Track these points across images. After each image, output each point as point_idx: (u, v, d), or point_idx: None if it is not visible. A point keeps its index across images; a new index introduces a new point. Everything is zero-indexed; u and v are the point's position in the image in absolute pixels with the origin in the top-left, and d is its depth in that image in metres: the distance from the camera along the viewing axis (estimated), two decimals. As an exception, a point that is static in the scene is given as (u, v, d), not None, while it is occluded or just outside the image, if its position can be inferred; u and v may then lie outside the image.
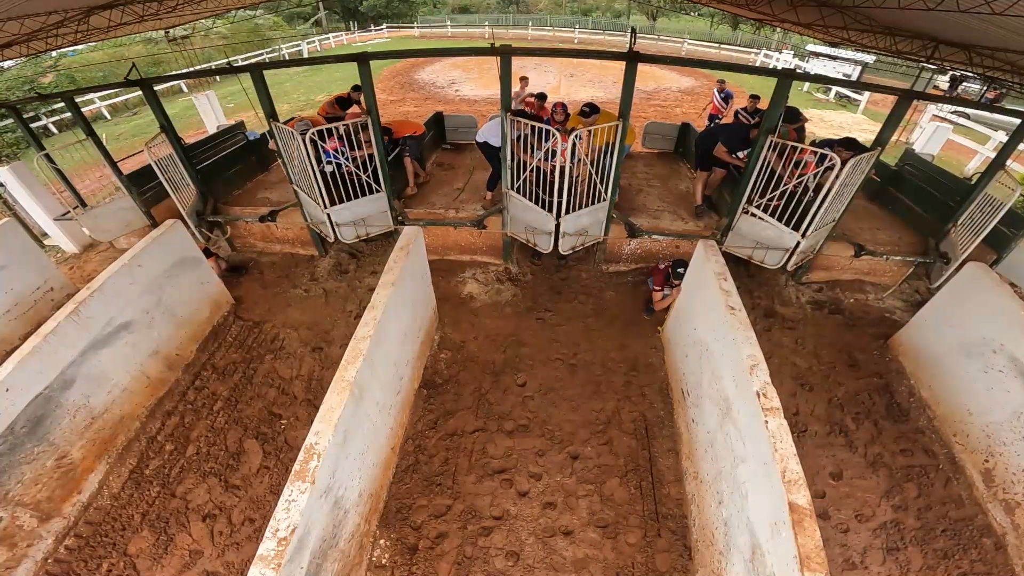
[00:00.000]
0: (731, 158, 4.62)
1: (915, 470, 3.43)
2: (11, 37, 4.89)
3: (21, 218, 6.22)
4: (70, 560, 2.95)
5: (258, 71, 4.30)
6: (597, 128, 3.94)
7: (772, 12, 6.65)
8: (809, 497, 1.96)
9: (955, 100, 10.75)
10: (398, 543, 3.00)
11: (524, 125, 3.87)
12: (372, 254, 5.66)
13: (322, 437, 2.24)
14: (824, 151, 3.63)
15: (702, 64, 3.93)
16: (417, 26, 30.55)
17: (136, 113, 14.27)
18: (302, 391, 4.05)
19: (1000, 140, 8.95)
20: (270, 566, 1.81)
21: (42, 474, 3.00)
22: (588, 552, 2.94)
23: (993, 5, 2.84)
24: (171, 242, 4.12)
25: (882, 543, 3.02)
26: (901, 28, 5.25)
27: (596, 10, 33.31)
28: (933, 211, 4.76)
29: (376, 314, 2.91)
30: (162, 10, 6.21)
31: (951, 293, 3.76)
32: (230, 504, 3.24)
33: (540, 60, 17.85)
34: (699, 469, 3.04)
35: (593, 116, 4.36)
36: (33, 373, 2.96)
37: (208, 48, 18.02)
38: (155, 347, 3.93)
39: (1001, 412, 3.20)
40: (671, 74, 17.40)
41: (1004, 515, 3.04)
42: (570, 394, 3.96)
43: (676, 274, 4.14)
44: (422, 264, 3.92)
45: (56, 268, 5.18)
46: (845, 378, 4.11)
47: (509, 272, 5.33)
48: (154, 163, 4.47)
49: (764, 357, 2.58)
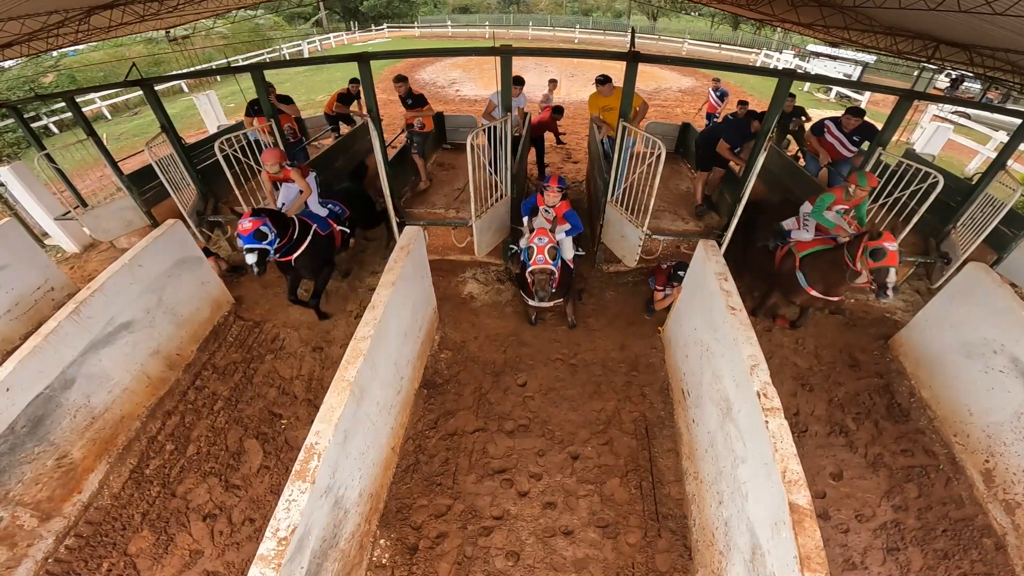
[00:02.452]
0: (733, 156, 4.61)
1: (915, 470, 3.42)
2: (12, 37, 4.89)
3: (22, 218, 6.22)
4: (70, 560, 2.95)
5: (259, 71, 4.31)
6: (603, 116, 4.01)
7: (773, 12, 6.66)
8: (809, 497, 1.95)
9: (956, 100, 10.75)
10: (398, 543, 3.00)
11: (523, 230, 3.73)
12: (373, 254, 5.67)
13: (322, 437, 2.24)
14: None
15: (703, 64, 3.93)
16: (417, 26, 30.55)
17: (137, 113, 14.28)
18: (302, 391, 4.05)
19: (1001, 140, 8.94)
20: (270, 566, 1.81)
21: (42, 474, 3.00)
22: (588, 552, 2.94)
23: (994, 5, 2.84)
24: (172, 242, 4.12)
25: (882, 543, 3.01)
26: (902, 28, 5.25)
27: (596, 10, 33.29)
28: (934, 211, 4.75)
29: (377, 314, 2.91)
30: (163, 10, 6.22)
31: (952, 293, 3.76)
32: (230, 504, 3.24)
33: (540, 60, 17.85)
34: (699, 469, 3.04)
35: (609, 85, 4.62)
36: (34, 373, 2.96)
37: (209, 48, 18.03)
38: (156, 347, 3.93)
39: (1002, 412, 3.20)
40: (671, 74, 17.40)
41: (1004, 515, 3.04)
42: (570, 394, 3.96)
43: (678, 276, 4.15)
44: (422, 264, 3.92)
45: (57, 268, 5.18)
46: (845, 378, 4.11)
47: (509, 272, 5.33)
48: (155, 163, 4.47)
49: (765, 357, 2.58)
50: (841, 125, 4.86)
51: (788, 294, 4.12)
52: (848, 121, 4.78)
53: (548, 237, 3.45)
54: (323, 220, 4.41)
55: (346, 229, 4.70)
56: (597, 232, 4.89)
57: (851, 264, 3.41)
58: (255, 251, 3.58)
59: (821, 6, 5.40)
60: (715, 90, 8.44)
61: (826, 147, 5.03)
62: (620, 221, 4.37)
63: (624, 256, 4.51)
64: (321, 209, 4.49)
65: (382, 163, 4.30)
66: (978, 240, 4.08)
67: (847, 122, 4.79)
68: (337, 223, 4.58)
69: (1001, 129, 9.69)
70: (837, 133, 4.91)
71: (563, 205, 3.87)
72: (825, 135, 5.01)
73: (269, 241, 3.67)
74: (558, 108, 7.69)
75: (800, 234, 4.02)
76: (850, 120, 4.76)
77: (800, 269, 3.87)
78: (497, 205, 4.40)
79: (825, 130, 5.01)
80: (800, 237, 4.01)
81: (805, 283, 3.83)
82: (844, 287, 3.66)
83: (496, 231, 4.61)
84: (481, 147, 3.94)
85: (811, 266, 3.83)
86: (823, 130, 5.03)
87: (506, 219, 4.68)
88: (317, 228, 4.26)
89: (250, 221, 3.57)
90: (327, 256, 4.44)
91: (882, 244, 3.19)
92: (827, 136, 4.99)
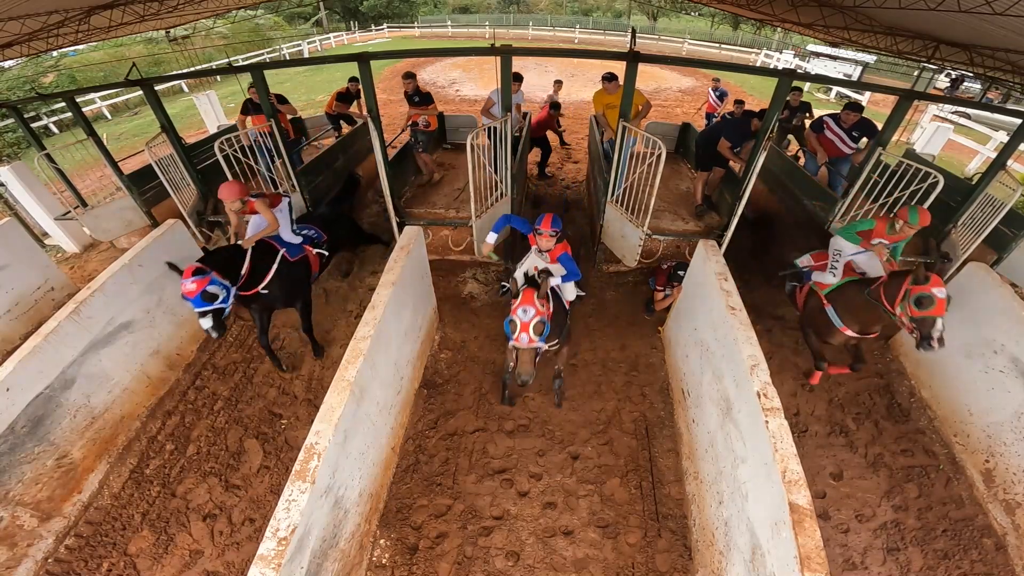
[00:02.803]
0: (733, 155, 4.61)
1: (915, 470, 3.42)
2: (12, 37, 4.89)
3: (22, 218, 6.22)
4: (70, 560, 2.95)
5: (259, 71, 4.31)
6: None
7: (773, 12, 6.65)
8: (809, 497, 1.96)
9: (956, 100, 10.75)
10: (398, 543, 3.00)
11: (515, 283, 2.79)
12: (373, 254, 5.66)
13: (322, 437, 2.24)
14: None
15: (703, 64, 3.93)
16: (418, 26, 30.54)
17: (137, 113, 14.28)
18: (302, 391, 4.05)
19: (1001, 140, 8.94)
20: (270, 566, 1.81)
21: (42, 474, 3.01)
22: (588, 552, 2.94)
23: (994, 5, 2.84)
24: (172, 242, 4.13)
25: (882, 543, 3.01)
26: (902, 28, 5.25)
27: (597, 10, 33.28)
28: (934, 211, 4.74)
29: (377, 314, 2.91)
30: (163, 10, 6.22)
31: (952, 293, 3.75)
32: (230, 504, 3.24)
33: (541, 60, 17.86)
34: (699, 469, 3.04)
35: (615, 82, 4.59)
36: (34, 373, 2.96)
37: (209, 48, 18.04)
38: (156, 347, 3.93)
39: (1002, 412, 3.20)
40: (671, 74, 17.40)
41: (1005, 515, 3.04)
42: (570, 394, 3.96)
43: (678, 276, 4.14)
44: (422, 264, 3.92)
45: (57, 268, 5.18)
46: (846, 378, 4.10)
47: (510, 272, 5.33)
48: (155, 163, 4.47)
49: (765, 357, 2.58)
50: (840, 121, 4.86)
51: (822, 336, 3.63)
52: (847, 117, 4.79)
53: (535, 308, 2.64)
54: (295, 245, 3.97)
55: (324, 252, 4.24)
56: (597, 232, 4.89)
57: (888, 306, 2.96)
58: (207, 314, 3.05)
59: (821, 6, 5.40)
60: (714, 90, 8.44)
61: (825, 144, 5.01)
62: (620, 221, 4.37)
63: (624, 256, 4.51)
64: (294, 238, 3.99)
65: (382, 163, 4.30)
66: (978, 240, 4.08)
67: (846, 118, 4.80)
68: (314, 246, 4.14)
69: (1001, 129, 9.69)
70: (836, 129, 4.91)
71: (558, 249, 3.25)
72: (824, 131, 5.00)
73: (222, 300, 3.14)
74: (555, 104, 7.67)
75: (823, 276, 3.58)
76: (849, 115, 4.77)
77: (830, 305, 3.47)
78: (497, 205, 4.40)
79: (824, 126, 5.00)
80: (823, 280, 3.56)
81: (839, 322, 3.40)
82: (883, 323, 3.25)
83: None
84: (481, 147, 3.93)
85: (841, 302, 3.41)
86: (822, 127, 5.02)
87: None
88: (285, 253, 3.81)
89: (193, 282, 2.97)
90: (301, 283, 3.97)
91: (929, 290, 2.72)
92: (826, 132, 4.98)
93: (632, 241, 4.24)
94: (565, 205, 7.00)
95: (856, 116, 4.75)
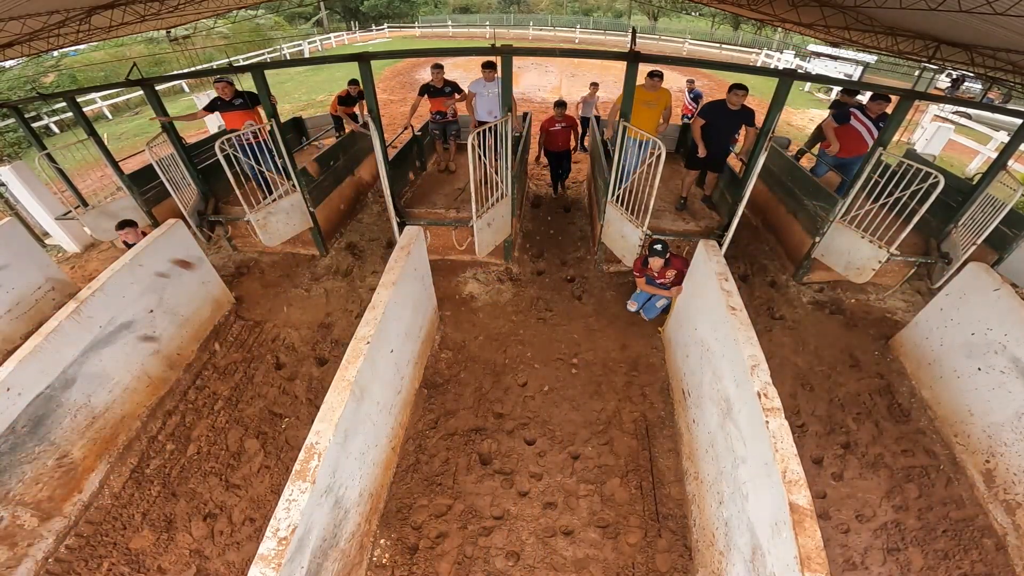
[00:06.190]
0: (700, 139, 4.45)
1: (916, 470, 3.42)
2: (13, 37, 4.90)
3: (22, 217, 6.22)
4: (71, 559, 2.95)
5: (259, 71, 4.31)
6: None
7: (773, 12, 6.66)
8: (810, 497, 1.95)
9: (957, 100, 10.74)
10: (398, 543, 3.00)
11: None
12: (373, 253, 5.67)
13: (323, 437, 2.24)
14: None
15: (703, 64, 3.93)
16: (418, 26, 30.56)
17: (138, 113, 14.29)
18: (303, 391, 4.05)
19: (1002, 140, 8.94)
20: (270, 566, 1.81)
21: (43, 473, 3.01)
22: (588, 552, 2.94)
23: (994, 5, 2.84)
24: (172, 242, 4.13)
25: (883, 543, 3.01)
26: (903, 28, 5.25)
27: (597, 10, 33.28)
28: (934, 211, 4.75)
29: (377, 313, 2.91)
30: (163, 10, 6.22)
31: (952, 294, 3.75)
32: (231, 503, 3.24)
33: (541, 60, 17.86)
34: (700, 469, 3.04)
35: (658, 80, 4.44)
36: (34, 372, 2.96)
37: (209, 48, 18.03)
38: (156, 346, 3.93)
39: (1002, 413, 3.20)
40: (672, 74, 17.37)
41: (1005, 516, 3.04)
42: (571, 394, 3.96)
43: (653, 251, 3.93)
44: (423, 264, 3.92)
45: (57, 267, 5.18)
46: (846, 378, 4.10)
47: (510, 272, 5.33)
48: (155, 163, 4.47)
49: (765, 357, 2.58)
50: (867, 111, 4.55)
51: None
52: (874, 107, 4.49)
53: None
54: None
55: None
56: (597, 232, 4.89)
57: None
58: None
59: (822, 6, 5.40)
60: (690, 91, 8.50)
61: (852, 136, 4.58)
62: (620, 221, 4.37)
63: (624, 256, 4.51)
64: None
65: (382, 163, 4.30)
66: (979, 240, 4.08)
67: (873, 108, 4.50)
68: None
69: (1002, 129, 9.69)
70: (865, 120, 4.52)
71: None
72: (852, 122, 4.58)
73: None
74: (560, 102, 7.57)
75: None
76: (879, 105, 4.47)
77: None
78: (497, 205, 4.40)
79: (852, 117, 4.58)
80: None
81: None
82: None
83: (496, 231, 4.61)
84: (481, 147, 3.93)
85: None
86: (848, 117, 4.59)
87: (506, 219, 4.68)
88: None
89: None
90: None
91: None
92: (854, 123, 4.58)
93: (632, 241, 4.23)
94: (566, 206, 7.01)
95: (884, 106, 4.46)
